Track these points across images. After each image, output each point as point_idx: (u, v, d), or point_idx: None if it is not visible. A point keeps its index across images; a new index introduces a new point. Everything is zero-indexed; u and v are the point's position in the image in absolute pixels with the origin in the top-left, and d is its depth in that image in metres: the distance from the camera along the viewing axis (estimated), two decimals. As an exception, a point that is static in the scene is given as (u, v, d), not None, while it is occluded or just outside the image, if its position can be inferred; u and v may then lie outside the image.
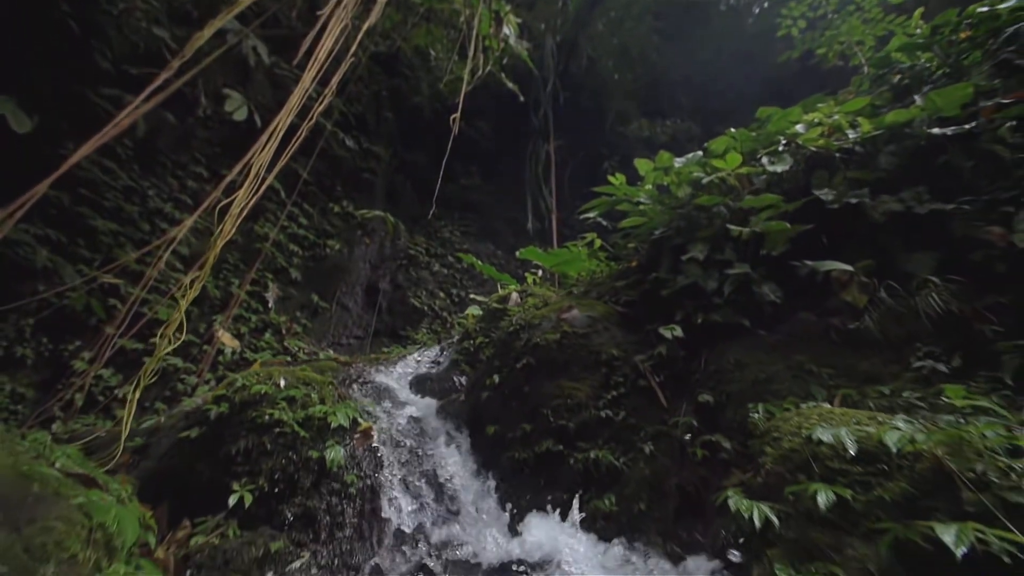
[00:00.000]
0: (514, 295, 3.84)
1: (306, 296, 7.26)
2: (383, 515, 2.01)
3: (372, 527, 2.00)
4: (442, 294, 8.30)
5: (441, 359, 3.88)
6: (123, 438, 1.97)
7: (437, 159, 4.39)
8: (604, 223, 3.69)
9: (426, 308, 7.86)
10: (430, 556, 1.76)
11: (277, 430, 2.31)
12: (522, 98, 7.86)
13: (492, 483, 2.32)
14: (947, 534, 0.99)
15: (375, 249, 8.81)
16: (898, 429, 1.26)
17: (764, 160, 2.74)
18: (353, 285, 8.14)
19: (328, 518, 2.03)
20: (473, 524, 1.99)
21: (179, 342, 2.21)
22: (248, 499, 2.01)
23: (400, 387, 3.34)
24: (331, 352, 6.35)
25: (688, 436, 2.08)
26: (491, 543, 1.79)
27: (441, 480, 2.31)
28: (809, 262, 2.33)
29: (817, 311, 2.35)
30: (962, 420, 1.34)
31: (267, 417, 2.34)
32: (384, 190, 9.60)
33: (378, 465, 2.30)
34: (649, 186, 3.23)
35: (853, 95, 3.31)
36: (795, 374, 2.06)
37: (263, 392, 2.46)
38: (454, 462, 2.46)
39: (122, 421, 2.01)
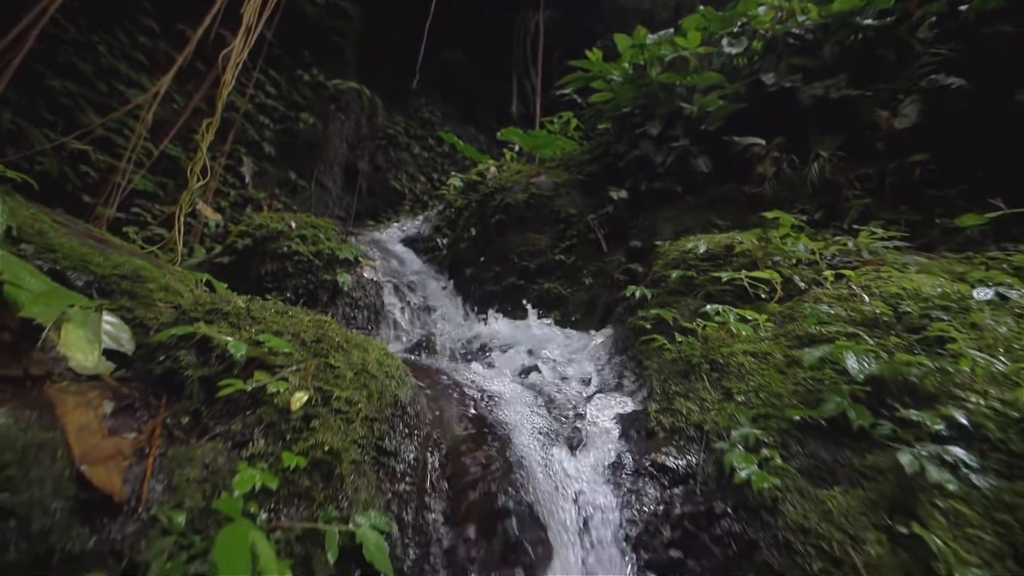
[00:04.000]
0: (492, 169, 4.39)
1: (283, 173, 7.57)
2: (388, 318, 2.86)
3: (379, 325, 2.85)
4: (423, 178, 8.66)
5: (424, 226, 4.56)
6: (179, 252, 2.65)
7: (416, 31, 4.46)
8: (579, 100, 4.12)
9: (407, 191, 8.29)
10: (423, 337, 2.63)
11: (296, 258, 3.02)
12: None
13: (468, 306, 3.18)
14: (725, 274, 1.81)
15: (351, 126, 8.86)
16: (737, 239, 2.04)
17: (724, 41, 3.17)
18: (331, 164, 8.40)
19: (344, 321, 2.86)
20: (453, 324, 2.87)
21: (205, 182, 2.78)
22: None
23: (391, 244, 4.06)
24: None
25: (617, 269, 2.90)
26: (467, 330, 2.68)
27: (429, 303, 3.14)
28: (737, 138, 2.95)
29: (739, 181, 3.04)
30: (786, 242, 2.12)
31: (285, 248, 3.04)
32: (356, 59, 9.25)
33: (379, 288, 3.09)
34: (625, 64, 3.62)
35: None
36: (703, 226, 2.82)
37: (279, 229, 3.12)
38: (438, 292, 3.29)
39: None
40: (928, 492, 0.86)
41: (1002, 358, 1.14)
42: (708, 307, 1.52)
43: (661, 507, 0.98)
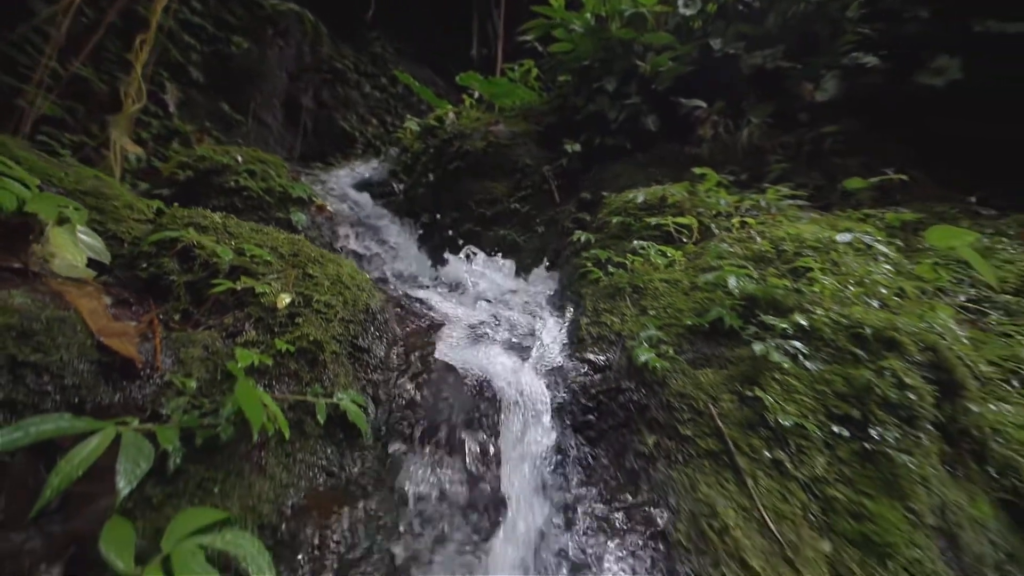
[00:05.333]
0: (451, 115, 4.43)
1: (214, 104, 7.02)
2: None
3: (335, 264, 2.98)
4: (375, 120, 8.35)
5: (379, 170, 4.58)
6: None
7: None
8: (541, 49, 4.21)
9: (357, 134, 8.00)
10: (381, 278, 2.80)
11: (245, 194, 3.03)
12: None
13: (426, 250, 3.35)
14: (656, 220, 2.13)
15: (292, 55, 8.28)
16: (670, 191, 2.36)
17: (680, 1, 3.38)
18: (270, 97, 7.88)
19: (299, 258, 2.96)
20: (412, 265, 3.05)
21: (142, 104, 2.69)
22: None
23: (344, 186, 4.08)
24: (258, 165, 6.62)
25: (568, 219, 3.18)
26: (427, 271, 2.88)
27: (387, 245, 3.28)
28: (684, 100, 3.24)
29: (682, 142, 3.36)
30: (709, 195, 2.46)
31: (233, 183, 3.02)
32: (296, -25, 8.49)
33: (335, 228, 3.19)
34: (587, 14, 3.73)
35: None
36: (647, 182, 3.13)
37: (225, 163, 3.08)
38: (395, 235, 3.43)
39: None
40: (770, 369, 1.23)
41: (849, 286, 1.54)
42: (636, 244, 1.84)
43: (583, 387, 1.29)
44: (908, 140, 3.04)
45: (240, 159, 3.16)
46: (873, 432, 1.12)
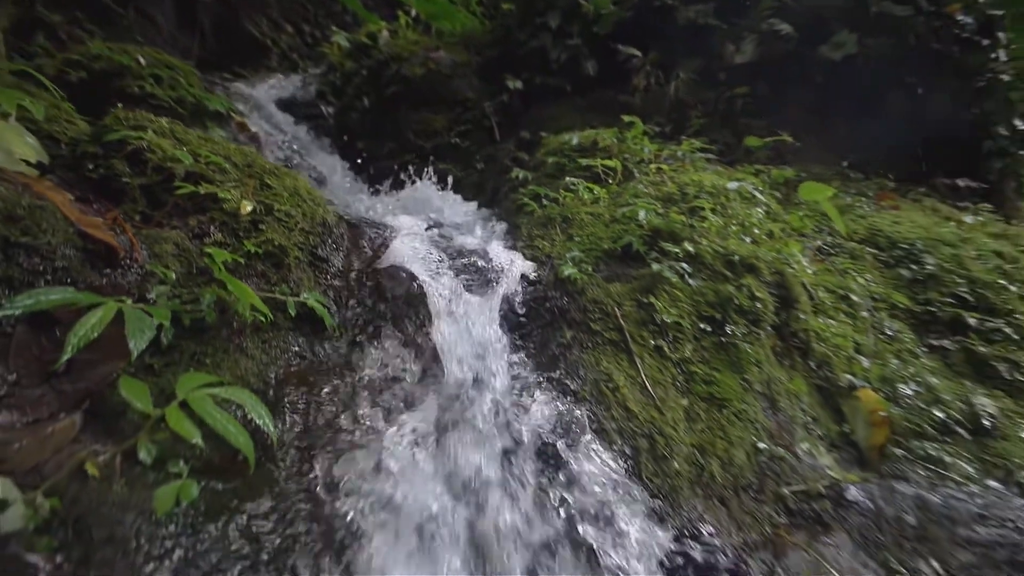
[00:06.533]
0: (385, 33, 4.29)
1: (82, -15, 5.99)
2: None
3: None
4: (290, 28, 7.59)
5: (303, 89, 4.37)
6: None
7: None
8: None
9: (269, 42, 7.26)
10: (316, 202, 2.86)
11: (153, 102, 2.84)
12: None
13: (363, 179, 3.41)
14: (587, 162, 2.46)
15: (183, -66, 7.16)
16: (602, 136, 2.67)
17: (625, -56, 3.53)
18: (156, -16, 6.85)
19: (222, 178, 2.89)
20: (350, 194, 3.12)
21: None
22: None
23: (265, 104, 3.88)
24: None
25: (507, 157, 3.40)
26: (366, 200, 2.98)
27: (320, 172, 3.29)
28: (621, 47, 3.49)
29: (617, 89, 3.65)
30: (635, 142, 2.81)
31: (137, 89, 2.82)
32: None
33: (260, 150, 3.12)
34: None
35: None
36: (583, 125, 3.42)
37: (125, 64, 2.84)
38: (328, 163, 3.42)
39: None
40: (662, 283, 1.63)
41: (731, 225, 1.99)
42: (568, 181, 2.15)
43: (518, 297, 1.61)
44: (806, 106, 3.59)
45: (142, 61, 2.91)
46: (728, 329, 1.58)
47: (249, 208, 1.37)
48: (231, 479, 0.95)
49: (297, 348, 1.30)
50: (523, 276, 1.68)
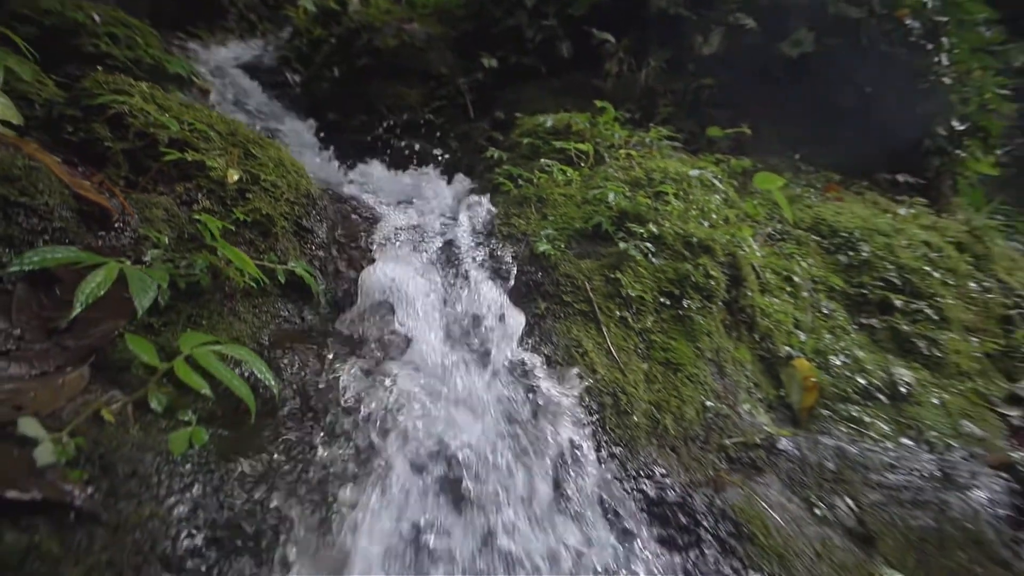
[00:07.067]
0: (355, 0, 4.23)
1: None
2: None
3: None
4: (248, -14, 7.23)
5: (268, 54, 4.26)
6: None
7: None
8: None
9: (226, 1, 6.90)
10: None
11: (109, 63, 2.74)
12: None
13: (334, 153, 3.41)
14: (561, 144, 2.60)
15: None
16: (575, 120, 2.81)
17: (602, -74, 3.62)
18: (94, -73, 6.37)
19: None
20: (322, 168, 3.13)
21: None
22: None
23: (227, 69, 3.78)
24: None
25: (481, 136, 3.48)
26: (339, 174, 3.01)
27: (289, 143, 3.27)
28: (596, 31, 3.61)
29: (591, 73, 3.78)
30: (606, 127, 2.96)
31: (91, 48, 2.71)
32: None
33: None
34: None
35: None
36: (556, 108, 3.54)
37: (78, 20, 2.72)
38: (298, 134, 3.40)
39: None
40: (628, 260, 1.80)
41: (692, 209, 2.18)
42: (543, 162, 2.28)
43: (499, 272, 1.75)
44: (766, 100, 3.85)
45: (97, 18, 2.79)
46: (685, 303, 1.77)
47: (236, 177, 1.42)
48: (235, 429, 1.05)
49: (286, 314, 1.39)
50: (499, 254, 1.82)
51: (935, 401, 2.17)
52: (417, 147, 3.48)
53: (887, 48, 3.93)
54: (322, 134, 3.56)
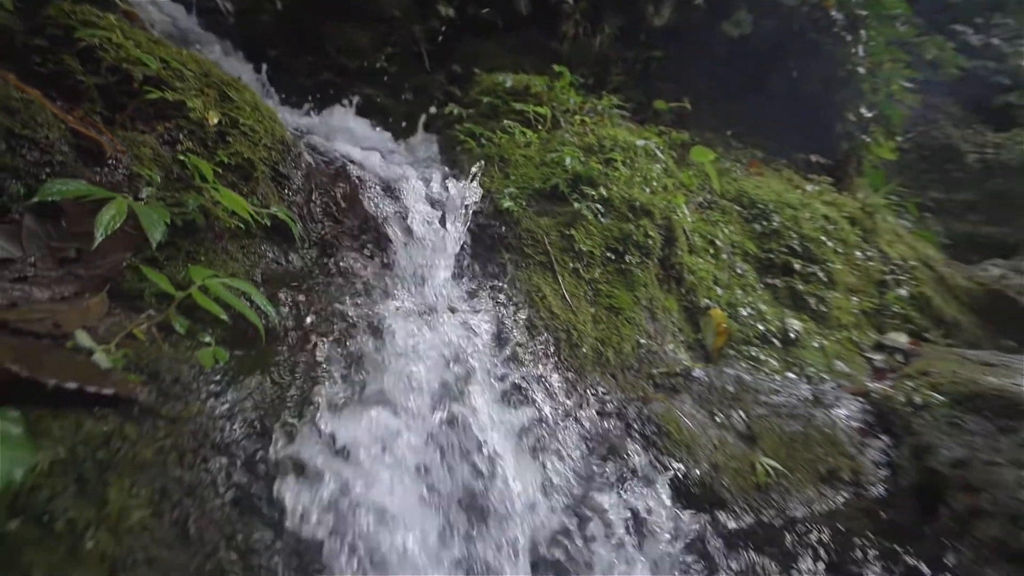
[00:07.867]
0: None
1: None
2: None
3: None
4: None
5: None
6: None
7: None
8: None
9: None
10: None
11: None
12: None
13: (275, 96, 3.34)
14: (520, 106, 2.79)
15: None
16: (533, 82, 2.99)
17: None
18: None
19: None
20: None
21: None
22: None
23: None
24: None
25: (439, 90, 3.56)
26: (289, 118, 2.98)
27: (228, 79, 3.15)
28: (552, -10, 3.73)
29: (548, 34, 3.92)
30: (562, 92, 3.17)
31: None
32: None
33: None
34: None
35: None
36: (514, 67, 3.67)
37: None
38: (235, 71, 3.28)
39: None
40: (581, 219, 2.09)
41: (636, 176, 2.50)
42: (505, 123, 2.47)
43: (463, 224, 1.96)
44: (707, 76, 4.22)
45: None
46: (627, 258, 2.11)
47: (216, 120, 1.50)
48: (246, 350, 1.23)
49: (272, 255, 1.53)
50: (466, 207, 2.03)
51: (817, 346, 2.73)
52: (374, 97, 3.49)
53: (815, 36, 4.42)
54: (262, 74, 3.45)
